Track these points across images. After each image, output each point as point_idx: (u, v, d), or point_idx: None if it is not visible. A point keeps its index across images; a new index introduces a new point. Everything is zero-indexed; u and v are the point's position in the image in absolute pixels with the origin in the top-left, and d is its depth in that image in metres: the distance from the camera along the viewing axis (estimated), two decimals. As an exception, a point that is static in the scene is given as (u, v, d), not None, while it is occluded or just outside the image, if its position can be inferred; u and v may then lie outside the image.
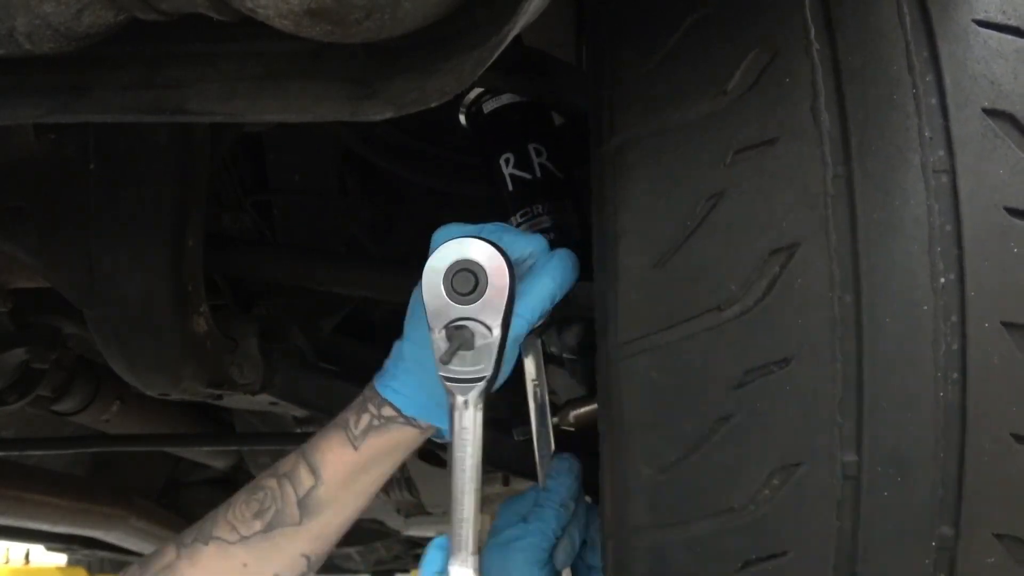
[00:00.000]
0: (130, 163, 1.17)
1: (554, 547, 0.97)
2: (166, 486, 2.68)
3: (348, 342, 1.74)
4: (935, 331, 0.73)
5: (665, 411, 0.79)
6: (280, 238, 1.62)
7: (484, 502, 0.90)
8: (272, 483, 0.97)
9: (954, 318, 0.73)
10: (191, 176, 1.20)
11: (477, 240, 0.84)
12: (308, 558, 0.98)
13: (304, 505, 0.96)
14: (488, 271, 0.83)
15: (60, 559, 3.32)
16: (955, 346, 0.73)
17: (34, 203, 1.21)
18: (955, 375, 0.73)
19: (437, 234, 0.93)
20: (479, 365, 0.85)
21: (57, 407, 1.73)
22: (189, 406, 2.05)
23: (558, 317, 1.00)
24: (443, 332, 0.84)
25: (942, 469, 0.74)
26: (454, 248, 0.84)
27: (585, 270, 0.92)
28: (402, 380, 0.96)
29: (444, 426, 0.94)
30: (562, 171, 1.11)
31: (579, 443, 1.07)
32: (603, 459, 0.86)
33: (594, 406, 1.03)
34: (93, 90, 0.74)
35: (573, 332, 1.02)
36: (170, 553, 0.98)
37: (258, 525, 0.95)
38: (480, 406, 0.86)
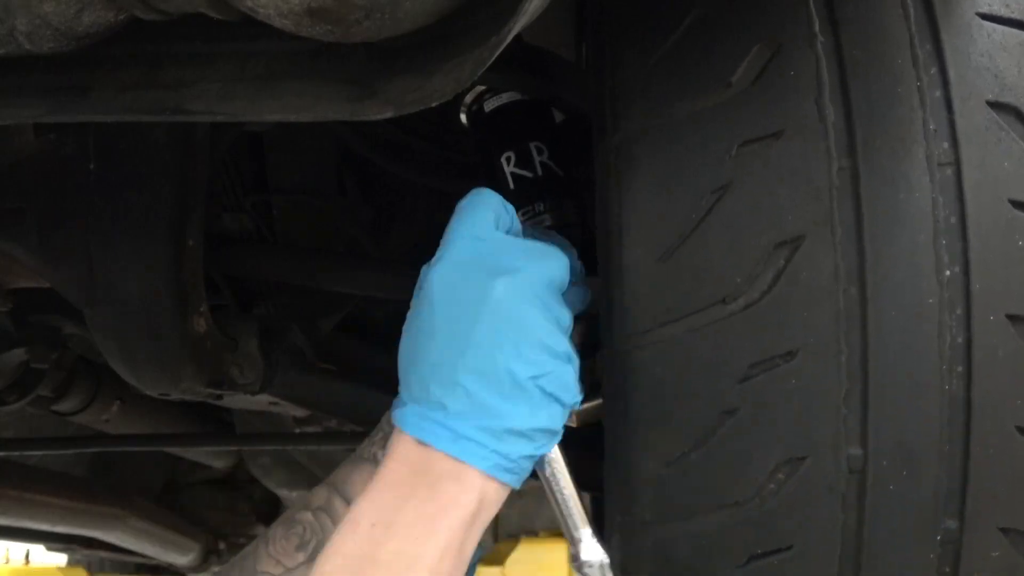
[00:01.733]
0: (130, 163, 1.17)
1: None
2: (166, 486, 2.69)
3: (348, 342, 1.74)
4: (940, 324, 0.74)
5: (670, 405, 0.79)
6: (280, 238, 1.62)
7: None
8: (308, 516, 0.96)
9: (959, 311, 0.73)
10: (191, 176, 1.20)
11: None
12: None
13: None
14: None
15: (60, 559, 3.31)
16: (960, 339, 0.73)
17: (34, 203, 1.20)
18: (960, 368, 0.73)
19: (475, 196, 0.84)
20: None
21: (57, 407, 1.73)
22: (189, 406, 2.05)
23: None
24: None
25: (947, 462, 0.74)
26: None
27: (587, 267, 0.92)
28: None
29: None
30: (563, 169, 1.11)
31: (582, 440, 1.07)
32: (608, 454, 0.86)
33: (597, 402, 1.02)
34: (93, 90, 0.74)
35: (576, 330, 1.02)
36: None
37: (301, 556, 0.94)
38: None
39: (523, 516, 4.21)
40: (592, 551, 0.83)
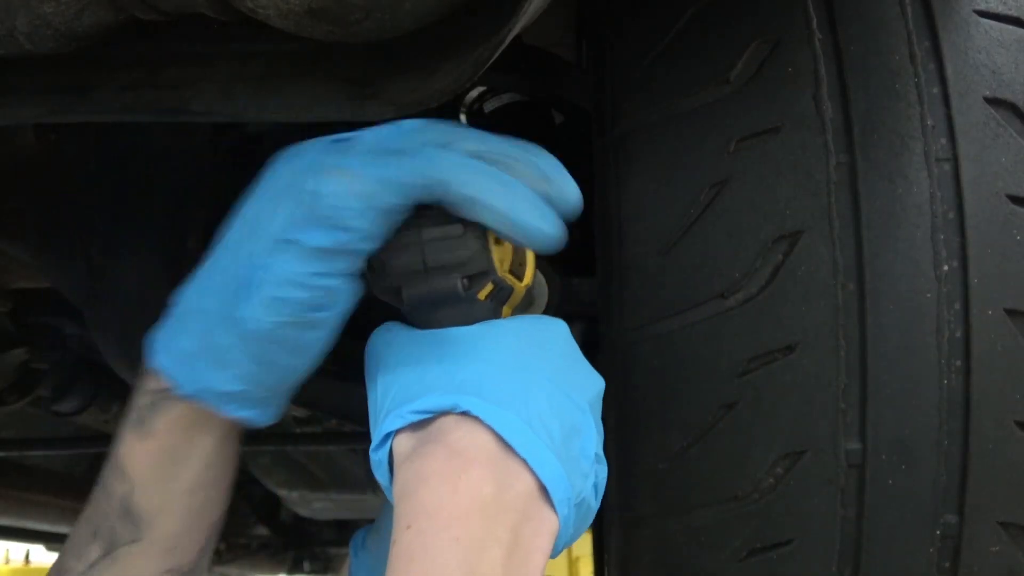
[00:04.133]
0: (130, 163, 1.17)
1: None
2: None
3: (348, 342, 1.73)
4: (938, 318, 0.74)
5: (669, 400, 0.79)
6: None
7: None
8: (97, 492, 0.76)
9: (957, 305, 0.74)
10: (191, 176, 1.20)
11: None
12: (175, 572, 0.76)
13: (129, 516, 0.74)
14: None
15: (60, 560, 3.31)
16: (958, 333, 0.74)
17: (34, 203, 1.20)
18: (958, 362, 0.74)
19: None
20: None
21: (57, 407, 1.73)
22: (189, 406, 2.04)
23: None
24: None
25: (946, 457, 0.74)
26: None
27: (585, 267, 0.92)
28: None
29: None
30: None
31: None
32: (607, 449, 0.86)
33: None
34: (93, 90, 0.74)
35: (575, 330, 1.02)
36: None
37: (96, 549, 0.74)
38: None
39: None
40: None
